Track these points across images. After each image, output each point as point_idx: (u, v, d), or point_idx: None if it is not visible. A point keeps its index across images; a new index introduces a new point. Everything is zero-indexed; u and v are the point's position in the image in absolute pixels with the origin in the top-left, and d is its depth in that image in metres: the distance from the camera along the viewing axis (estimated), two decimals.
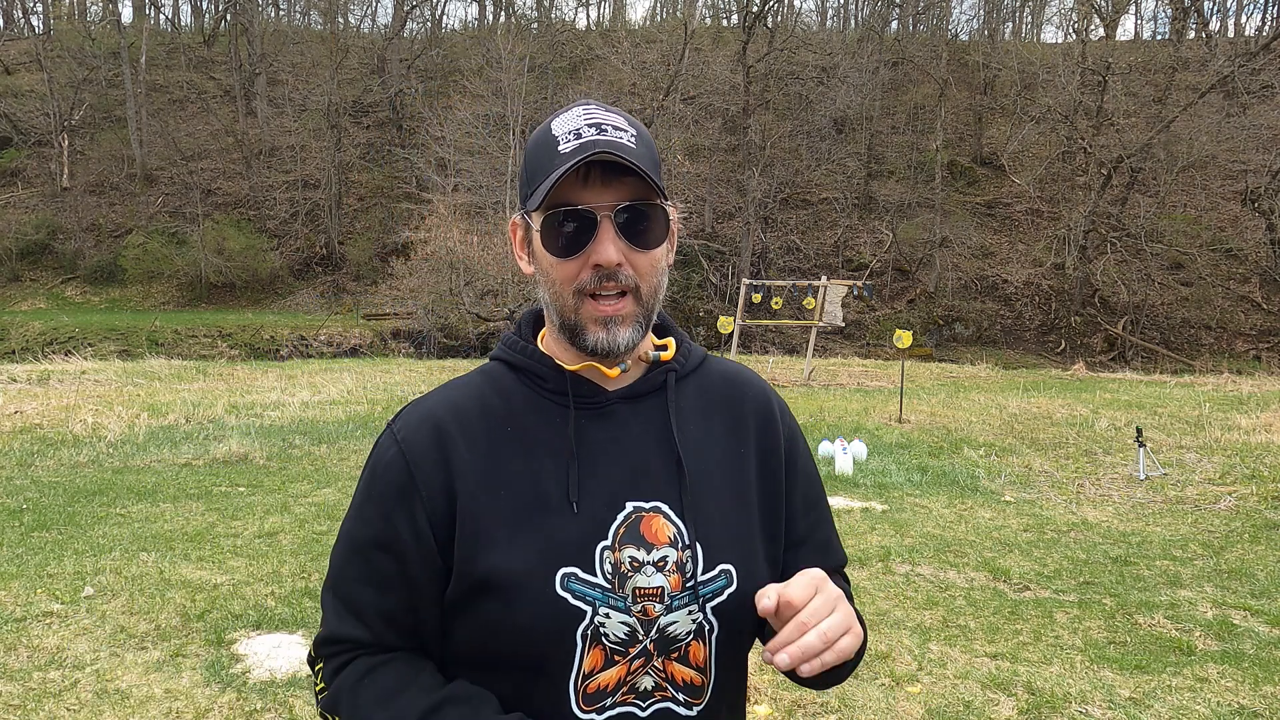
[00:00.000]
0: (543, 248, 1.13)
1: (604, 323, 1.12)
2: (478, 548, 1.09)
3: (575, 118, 1.13)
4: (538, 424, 1.16)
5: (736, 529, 1.18)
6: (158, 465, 8.59)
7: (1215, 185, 33.49)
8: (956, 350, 28.65)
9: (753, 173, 32.56)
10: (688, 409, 1.21)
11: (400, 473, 1.13)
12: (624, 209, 1.10)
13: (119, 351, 23.97)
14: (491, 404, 1.17)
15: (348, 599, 1.16)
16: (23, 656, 4.02)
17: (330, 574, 1.20)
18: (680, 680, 1.13)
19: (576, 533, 1.10)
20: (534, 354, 1.20)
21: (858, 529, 6.47)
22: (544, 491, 1.12)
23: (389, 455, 1.15)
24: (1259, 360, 26.57)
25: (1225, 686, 3.91)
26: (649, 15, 61.20)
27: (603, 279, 1.11)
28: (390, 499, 1.13)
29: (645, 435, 1.17)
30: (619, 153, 1.07)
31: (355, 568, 1.16)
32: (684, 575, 1.12)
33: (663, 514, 1.13)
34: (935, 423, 11.11)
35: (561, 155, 1.09)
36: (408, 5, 43.06)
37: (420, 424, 1.16)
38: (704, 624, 1.13)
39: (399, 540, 1.12)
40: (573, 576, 1.08)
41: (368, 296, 32.29)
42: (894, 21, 43.26)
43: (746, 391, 1.28)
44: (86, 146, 38.77)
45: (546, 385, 1.18)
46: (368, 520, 1.16)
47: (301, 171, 37.04)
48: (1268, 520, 6.89)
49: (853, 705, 3.67)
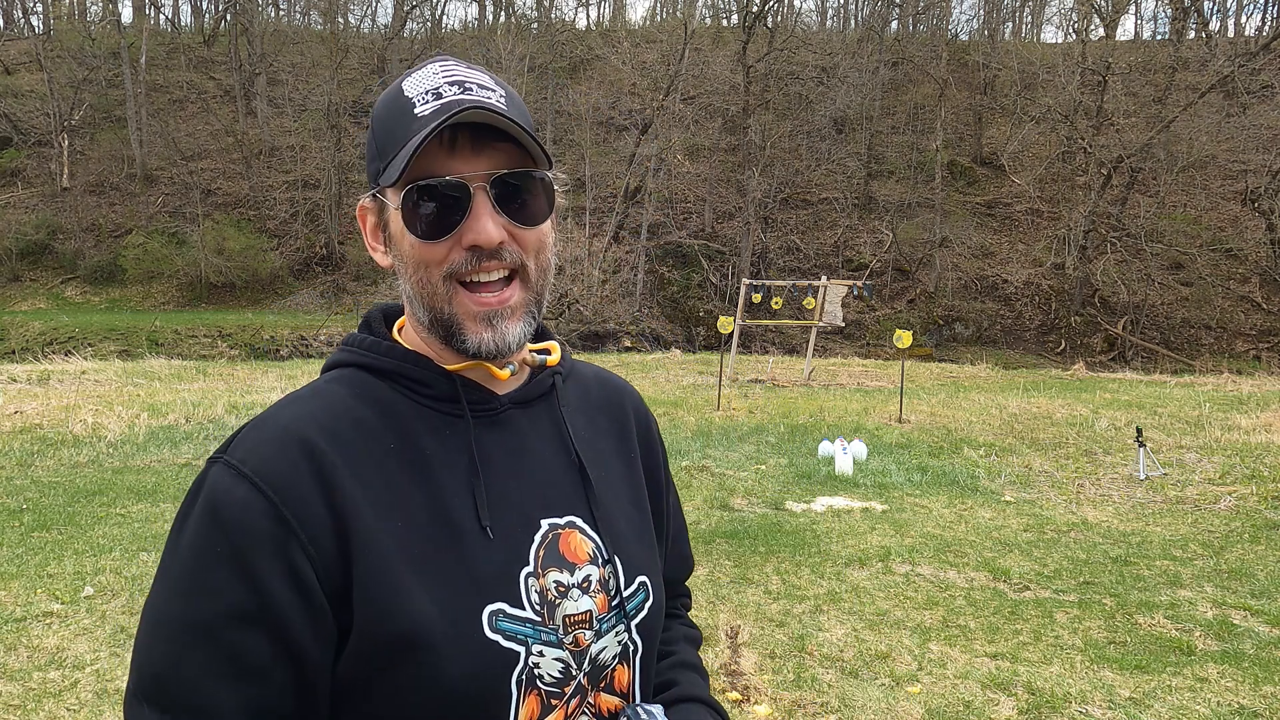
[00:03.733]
0: (404, 229, 0.93)
1: (487, 319, 0.94)
2: (385, 595, 0.87)
3: (432, 75, 0.94)
4: (426, 437, 0.96)
5: (642, 537, 1.09)
6: (158, 465, 8.59)
7: (1215, 185, 33.49)
8: (956, 350, 28.65)
9: (753, 173, 32.55)
10: (574, 413, 1.09)
11: (261, 514, 0.86)
12: (501, 179, 0.92)
13: (119, 351, 23.97)
14: (362, 416, 0.94)
15: (193, 710, 0.84)
16: (23, 656, 4.02)
17: (144, 685, 0.86)
18: (606, 711, 1.00)
19: (497, 561, 0.93)
20: (405, 354, 0.99)
21: (858, 529, 6.47)
22: (449, 517, 0.93)
23: (237, 494, 0.87)
24: (1259, 360, 26.57)
25: (1225, 686, 3.91)
26: (649, 15, 61.24)
27: (481, 259, 0.93)
28: (251, 552, 0.85)
29: (542, 443, 1.03)
30: (492, 111, 0.89)
31: (199, 660, 0.85)
32: (609, 594, 1.01)
33: (578, 529, 1.01)
34: (935, 423, 11.11)
35: (419, 119, 0.91)
36: (408, 5, 43.05)
37: (277, 448, 0.89)
38: (629, 644, 1.02)
39: (272, 604, 0.85)
40: (500, 614, 0.91)
41: (368, 296, 32.30)
42: (894, 21, 43.30)
43: (624, 392, 1.19)
44: (86, 146, 38.77)
45: (428, 390, 0.98)
46: (213, 590, 0.85)
47: (301, 171, 37.04)
48: (1268, 520, 6.89)
49: (853, 705, 3.66)
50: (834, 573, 5.43)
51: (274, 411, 0.95)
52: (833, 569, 5.50)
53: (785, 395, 14.24)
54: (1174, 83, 31.70)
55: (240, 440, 0.92)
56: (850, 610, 4.80)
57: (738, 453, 9.25)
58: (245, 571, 0.85)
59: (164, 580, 0.89)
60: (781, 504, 7.18)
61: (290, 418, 0.92)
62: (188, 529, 0.89)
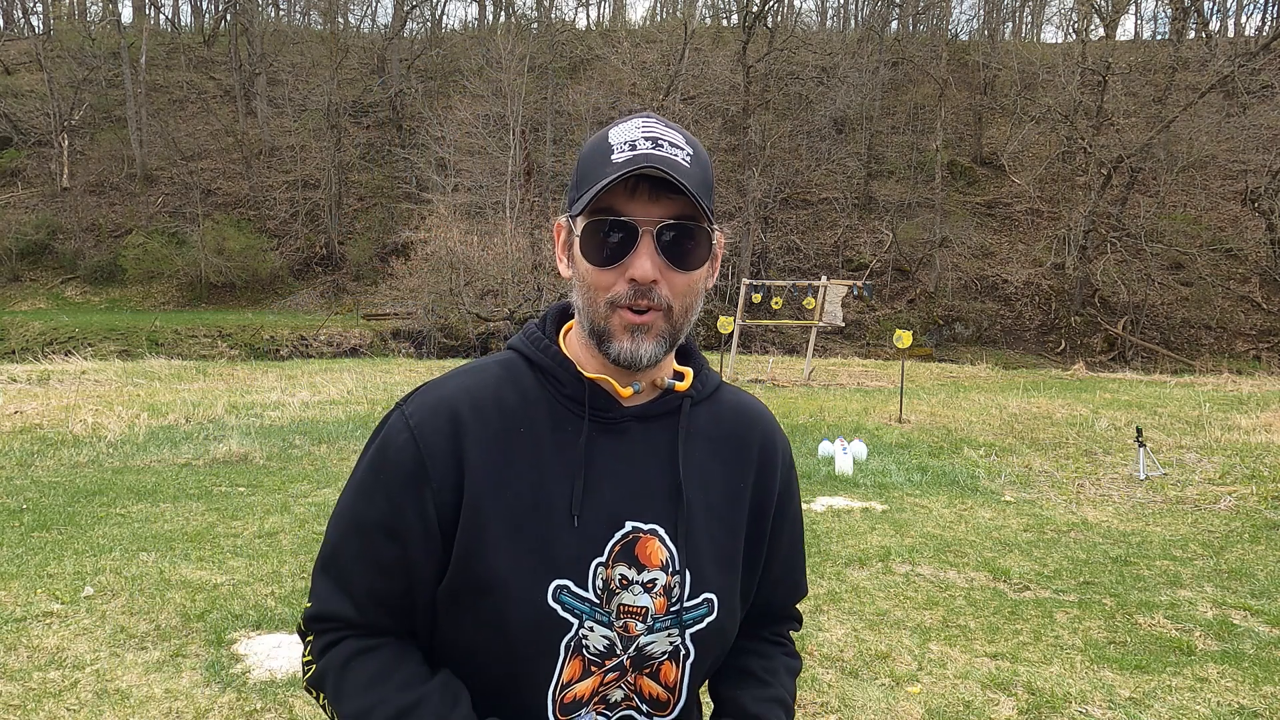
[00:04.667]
0: (582, 254, 1.11)
1: (631, 331, 1.10)
2: (478, 546, 1.09)
3: (633, 129, 1.11)
4: (550, 429, 1.15)
5: (723, 561, 1.20)
6: (158, 465, 8.59)
7: (1215, 185, 33.49)
8: (956, 350, 28.65)
9: (753, 173, 32.56)
10: (696, 436, 1.21)
11: (412, 459, 1.11)
12: (667, 226, 1.08)
13: (119, 351, 23.98)
14: (508, 399, 1.15)
15: (341, 577, 1.14)
16: (23, 656, 4.02)
17: (324, 550, 1.18)
18: (647, 694, 1.17)
19: (574, 547, 1.11)
20: (555, 355, 1.19)
21: (858, 529, 6.47)
22: (547, 500, 1.12)
23: (401, 439, 1.13)
24: (1259, 360, 26.57)
25: (1225, 686, 3.91)
26: (649, 15, 61.23)
27: (637, 294, 1.09)
28: (399, 484, 1.11)
29: (651, 456, 1.17)
30: (669, 170, 1.05)
31: (353, 547, 1.14)
32: (669, 599, 1.15)
33: (658, 537, 1.15)
34: (935, 423, 11.11)
35: (613, 164, 1.07)
36: (408, 5, 43.06)
37: (435, 411, 1.13)
38: (680, 648, 1.17)
39: (404, 526, 1.11)
40: (565, 589, 1.10)
41: (368, 296, 32.30)
42: (894, 21, 43.31)
43: (756, 426, 1.28)
44: (86, 146, 38.78)
45: (564, 390, 1.16)
46: (372, 501, 1.13)
47: (301, 171, 37.05)
48: (1268, 520, 6.89)
49: (853, 705, 3.66)
50: (834, 573, 5.43)
51: (445, 379, 1.19)
52: (833, 569, 5.50)
53: (785, 395, 14.24)
54: (1174, 83, 31.70)
55: (417, 396, 1.17)
56: (850, 610, 4.80)
57: None
58: (390, 495, 1.12)
59: (350, 481, 1.18)
60: None
61: (452, 389, 1.16)
62: (369, 453, 1.17)
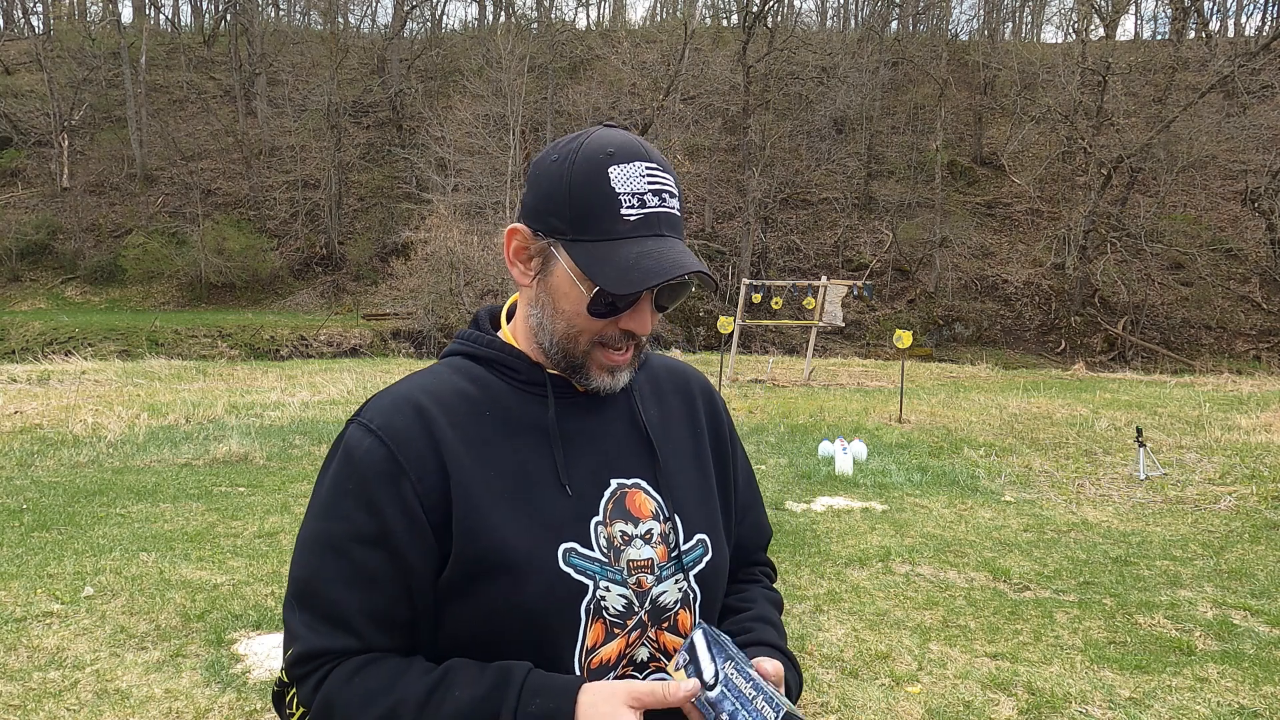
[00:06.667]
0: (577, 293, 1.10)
1: (610, 370, 1.14)
2: (479, 523, 1.07)
3: (638, 176, 1.08)
4: (515, 408, 1.15)
5: (704, 501, 1.25)
6: (158, 465, 8.59)
7: (1215, 185, 33.49)
8: (956, 350, 28.65)
9: (753, 173, 32.56)
10: (645, 397, 1.27)
11: (383, 458, 1.08)
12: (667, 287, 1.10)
13: (119, 351, 23.97)
14: (465, 389, 1.16)
15: (327, 607, 1.08)
16: (23, 656, 4.02)
17: (293, 588, 1.11)
18: (671, 650, 1.17)
19: (571, 510, 1.12)
20: (503, 347, 1.19)
21: (858, 529, 6.47)
22: (532, 471, 1.12)
23: (365, 444, 1.09)
24: (1259, 360, 26.57)
25: (1225, 686, 3.91)
26: (649, 15, 61.22)
27: (625, 338, 1.14)
28: (373, 487, 1.07)
29: (615, 422, 1.21)
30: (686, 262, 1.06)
31: (332, 569, 1.08)
32: (669, 546, 1.17)
33: (643, 489, 1.18)
34: (935, 423, 11.11)
35: (624, 222, 1.06)
36: (408, 5, 43.05)
37: (396, 408, 1.12)
38: (689, 592, 1.19)
39: (388, 529, 1.06)
40: (573, 551, 1.10)
41: (368, 296, 32.30)
42: (894, 21, 43.27)
43: (689, 377, 1.36)
44: (86, 146, 38.77)
45: (519, 377, 1.17)
46: (344, 516, 1.08)
47: (301, 171, 37.03)
48: (1268, 520, 6.89)
49: (853, 705, 3.66)
50: (834, 573, 5.43)
51: (395, 384, 1.18)
52: (833, 569, 5.50)
53: (785, 395, 14.24)
54: (1174, 83, 31.70)
55: (369, 406, 1.15)
56: (850, 610, 4.80)
57: None
58: (366, 501, 1.07)
59: (311, 509, 1.13)
60: (781, 504, 7.17)
61: (406, 388, 1.15)
62: (329, 470, 1.13)
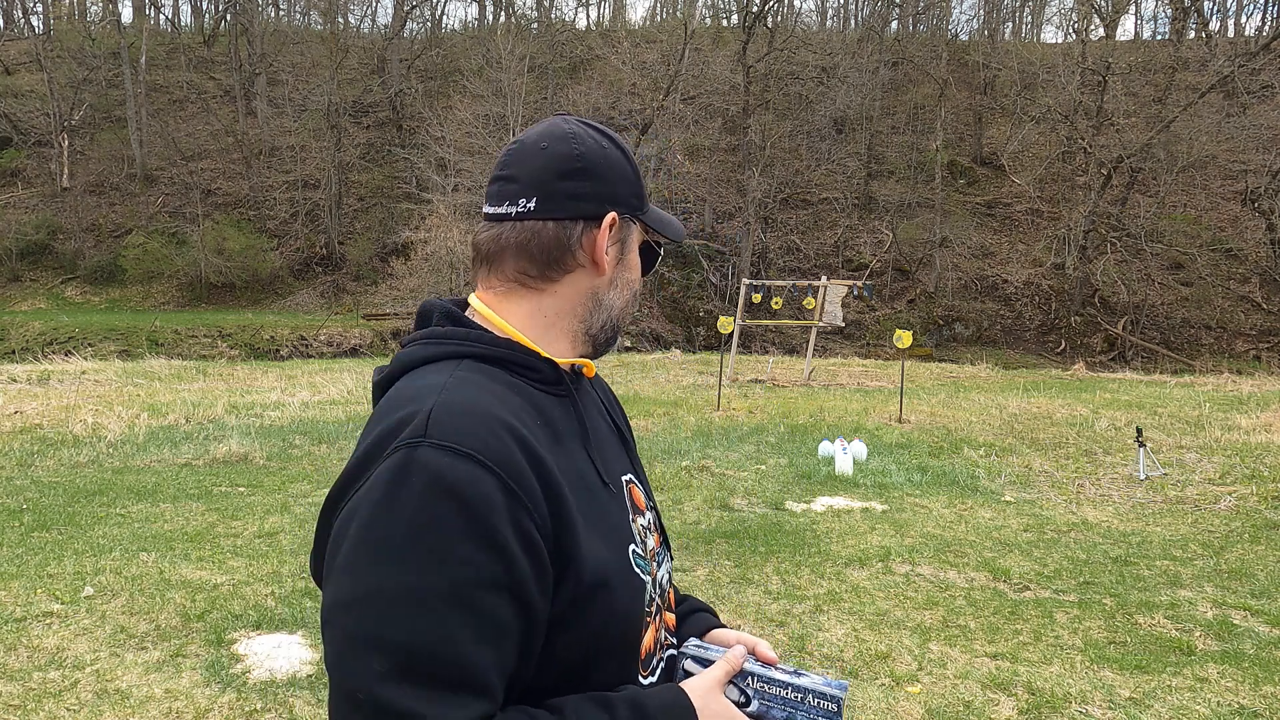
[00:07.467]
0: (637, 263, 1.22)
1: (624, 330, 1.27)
2: (581, 549, 1.01)
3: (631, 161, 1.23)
4: (551, 412, 1.10)
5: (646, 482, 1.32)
6: (158, 465, 8.59)
7: (1215, 185, 33.49)
8: (956, 350, 28.65)
9: (753, 173, 32.56)
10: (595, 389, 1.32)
11: (493, 488, 0.94)
12: None
13: (119, 351, 23.97)
14: (517, 399, 1.06)
15: (456, 673, 0.90)
16: (23, 656, 4.02)
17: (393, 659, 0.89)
18: (669, 626, 1.23)
19: (620, 508, 1.14)
20: (512, 344, 1.11)
21: (858, 529, 6.47)
22: (585, 475, 1.09)
23: (468, 473, 0.93)
24: (1259, 360, 26.57)
25: (1225, 686, 3.91)
26: (649, 15, 61.22)
27: None
28: (491, 522, 0.93)
29: (598, 415, 1.23)
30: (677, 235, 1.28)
31: (455, 627, 0.90)
32: (659, 531, 1.25)
33: (635, 482, 1.23)
34: (935, 423, 11.10)
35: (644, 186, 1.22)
36: (408, 5, 43.05)
37: (487, 430, 0.97)
38: (670, 570, 1.26)
39: (515, 568, 0.93)
40: (635, 553, 1.12)
41: (368, 296, 32.30)
42: (894, 21, 43.28)
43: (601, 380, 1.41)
44: (86, 146, 38.77)
45: (536, 375, 1.11)
46: (462, 561, 0.91)
47: (301, 171, 37.03)
48: (1268, 520, 6.89)
49: (852, 705, 3.66)
50: (834, 573, 5.43)
51: (458, 399, 1.00)
52: (833, 569, 5.50)
53: (785, 395, 14.24)
54: (1174, 83, 31.71)
55: (442, 426, 0.96)
56: (850, 610, 4.80)
57: (738, 453, 9.25)
58: (490, 540, 0.92)
59: (388, 561, 0.91)
60: (781, 504, 7.17)
61: (484, 404, 1.00)
62: (405, 508, 0.92)
